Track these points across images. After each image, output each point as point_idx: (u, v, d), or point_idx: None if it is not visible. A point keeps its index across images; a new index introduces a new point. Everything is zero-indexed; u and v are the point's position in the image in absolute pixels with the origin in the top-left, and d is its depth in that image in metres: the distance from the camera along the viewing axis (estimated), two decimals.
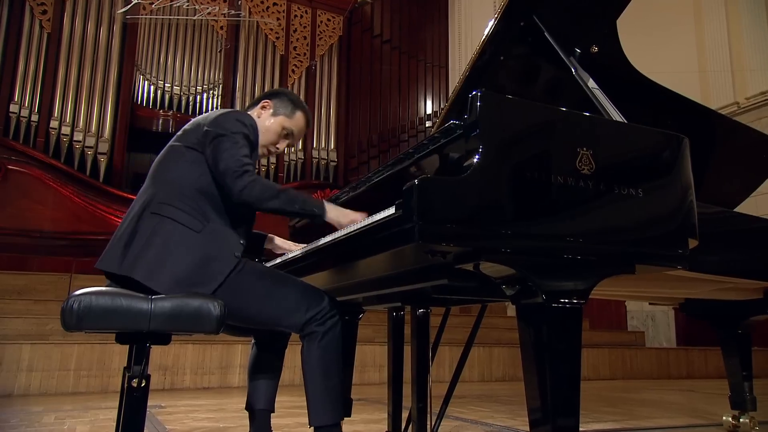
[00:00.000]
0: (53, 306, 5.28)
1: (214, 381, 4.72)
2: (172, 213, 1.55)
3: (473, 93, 1.27)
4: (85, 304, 1.26)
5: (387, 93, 9.23)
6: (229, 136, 1.62)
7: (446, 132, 1.36)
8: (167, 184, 1.60)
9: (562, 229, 1.26)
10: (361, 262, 1.54)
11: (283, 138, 1.88)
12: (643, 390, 5.13)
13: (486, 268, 1.27)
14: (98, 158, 7.90)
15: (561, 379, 1.27)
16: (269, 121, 1.85)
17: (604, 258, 1.31)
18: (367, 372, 5.35)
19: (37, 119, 7.73)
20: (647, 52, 6.02)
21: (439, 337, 2.09)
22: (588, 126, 1.39)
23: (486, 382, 5.77)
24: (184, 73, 8.73)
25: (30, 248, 7.24)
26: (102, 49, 8.21)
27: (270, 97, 1.89)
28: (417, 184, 1.15)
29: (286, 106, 1.87)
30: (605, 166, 1.34)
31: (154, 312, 1.30)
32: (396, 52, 9.32)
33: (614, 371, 6.38)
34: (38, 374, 4.12)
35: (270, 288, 1.59)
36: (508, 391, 4.81)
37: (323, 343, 1.59)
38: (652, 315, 7.65)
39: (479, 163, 1.21)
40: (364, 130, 9.21)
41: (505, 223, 1.20)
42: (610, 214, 1.33)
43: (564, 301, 1.26)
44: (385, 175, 1.68)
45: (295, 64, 9.30)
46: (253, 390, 1.84)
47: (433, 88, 9.21)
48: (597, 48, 2.07)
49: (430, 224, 1.14)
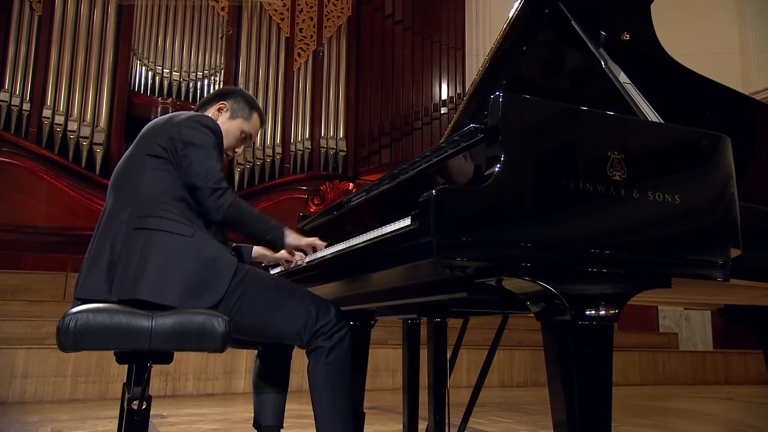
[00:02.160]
0: (49, 307, 5.35)
1: (218, 387, 4.77)
2: (158, 224, 1.55)
3: (494, 94, 1.25)
4: (82, 322, 1.27)
5: (399, 77, 9.18)
6: (200, 147, 1.64)
7: (465, 136, 1.34)
8: (140, 196, 1.60)
9: (591, 241, 1.24)
10: (372, 273, 1.54)
11: (241, 141, 1.91)
12: (677, 398, 5.10)
13: (509, 283, 1.26)
14: (94, 149, 7.94)
15: (591, 401, 1.26)
16: (228, 125, 1.87)
17: (638, 272, 1.29)
18: (379, 377, 5.37)
19: (28, 108, 7.78)
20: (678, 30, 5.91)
21: (458, 348, 2.09)
22: (619, 127, 1.36)
23: (506, 387, 5.77)
24: (184, 58, 8.74)
25: (23, 245, 7.32)
26: (96, 32, 8.23)
27: (224, 97, 1.90)
28: (435, 195, 1.15)
29: (243, 108, 1.90)
30: (638, 171, 1.32)
31: (155, 330, 1.31)
32: (409, 33, 9.26)
33: (645, 376, 6.35)
34: (33, 380, 4.18)
35: (274, 298, 1.59)
36: (531, 399, 4.80)
37: (330, 358, 1.60)
38: (686, 315, 7.59)
39: (501, 171, 1.19)
40: (375, 117, 9.18)
41: (529, 236, 1.19)
42: (644, 224, 1.31)
43: (593, 318, 1.25)
44: (400, 179, 1.67)
45: (301, 47, 9.28)
46: (259, 406, 1.85)
47: (448, 72, 9.15)
48: (629, 35, 2.04)
49: (448, 238, 1.13)
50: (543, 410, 4.07)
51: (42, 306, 5.33)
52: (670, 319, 7.73)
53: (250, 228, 1.68)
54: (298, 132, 8.95)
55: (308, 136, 8.98)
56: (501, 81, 2.14)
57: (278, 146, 8.80)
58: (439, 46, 9.23)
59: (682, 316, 7.63)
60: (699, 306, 2.76)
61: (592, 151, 1.29)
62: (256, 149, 8.63)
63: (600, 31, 1.98)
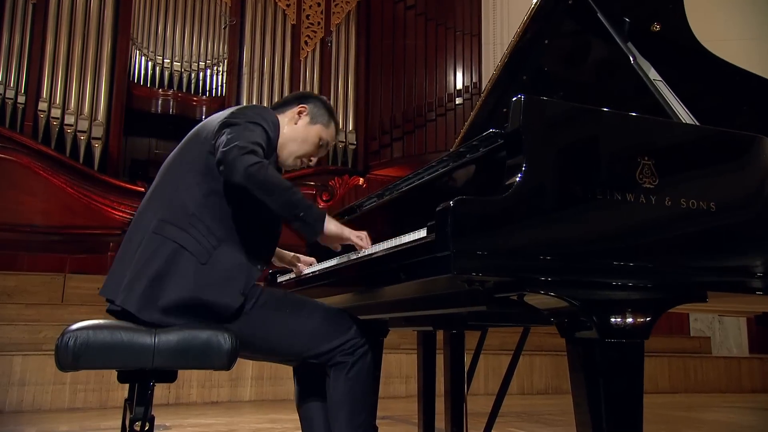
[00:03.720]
0: (46, 310, 5.40)
1: (223, 395, 4.80)
2: (178, 236, 1.53)
3: (516, 97, 1.24)
4: (82, 340, 1.28)
5: (412, 66, 9.14)
6: (243, 125, 1.58)
7: (484, 141, 1.33)
8: (169, 203, 1.59)
9: (620, 254, 1.23)
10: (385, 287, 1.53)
11: (317, 149, 1.87)
12: (710, 408, 5.06)
13: (531, 299, 1.25)
14: (92, 143, 7.99)
15: (619, 422, 1.25)
16: (307, 130, 1.83)
17: (670, 287, 1.28)
18: (392, 384, 5.38)
19: (23, 101, 7.83)
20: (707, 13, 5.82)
21: (476, 360, 2.08)
22: (649, 131, 1.35)
23: (526, 395, 5.76)
24: (185, 47, 8.76)
25: (19, 245, 7.38)
26: (93, 21, 8.26)
27: (305, 101, 1.86)
28: (452, 207, 1.14)
29: (323, 115, 1.86)
30: (670, 177, 1.31)
31: (158, 347, 1.31)
32: (422, 19, 9.21)
33: (675, 384, 6.30)
34: (31, 388, 4.22)
35: (289, 318, 1.59)
36: (552, 408, 4.79)
37: (351, 374, 1.60)
38: (719, 317, 7.53)
39: (523, 180, 1.19)
40: (386, 108, 9.15)
41: (553, 250, 1.18)
42: (677, 234, 1.30)
43: (622, 335, 1.24)
44: (415, 184, 1.66)
45: (309, 35, 9.27)
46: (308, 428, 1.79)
47: (464, 60, 9.10)
48: (659, 26, 2.02)
49: (467, 253, 1.12)
50: (566, 421, 4.06)
51: (39, 309, 5.38)
52: (702, 322, 7.66)
53: (276, 197, 1.50)
54: None
55: None
56: (521, 76, 2.13)
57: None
58: (453, 33, 9.17)
59: (715, 318, 7.56)
60: (735, 314, 2.74)
61: (620, 156, 1.28)
62: None
63: (628, 22, 1.96)
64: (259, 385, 4.91)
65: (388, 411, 4.31)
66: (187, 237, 1.53)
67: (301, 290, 1.93)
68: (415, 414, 2.18)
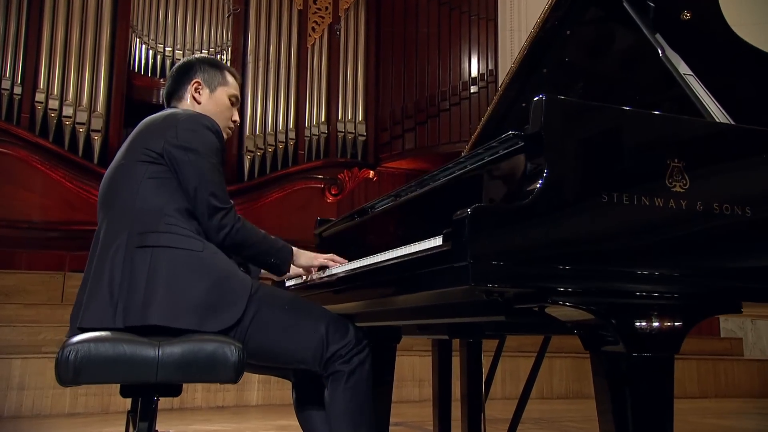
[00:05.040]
0: (46, 311, 5.45)
1: (229, 399, 4.82)
2: (164, 240, 1.54)
3: (537, 98, 1.23)
4: (83, 354, 1.29)
5: (424, 53, 9.10)
6: (201, 155, 1.62)
7: (504, 143, 1.32)
8: (138, 212, 1.57)
9: (648, 263, 1.22)
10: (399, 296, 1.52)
11: (233, 106, 1.90)
12: (742, 414, 5.02)
13: (553, 310, 1.24)
14: (91, 136, 8.02)
15: None
16: (214, 101, 1.85)
17: (702, 298, 1.26)
18: (405, 387, 5.38)
19: (20, 92, 7.87)
20: None
21: (494, 369, 2.08)
22: (679, 131, 1.33)
23: (546, 399, 5.74)
24: (187, 35, 8.76)
25: (17, 242, 7.43)
26: (91, 7, 8.28)
27: (192, 74, 1.86)
28: (470, 214, 1.13)
29: (215, 74, 1.87)
30: (702, 181, 1.29)
31: (162, 360, 1.32)
32: (434, 3, 9.16)
33: (704, 388, 6.25)
34: (31, 393, 4.26)
35: (287, 318, 1.60)
36: (573, 413, 4.77)
37: (350, 384, 1.59)
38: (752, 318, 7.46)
39: (544, 186, 1.17)
40: (397, 98, 9.12)
41: (576, 259, 1.17)
42: (709, 242, 1.28)
43: (650, 349, 1.22)
44: (430, 186, 1.65)
45: (316, 21, 9.25)
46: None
47: (479, 45, 9.04)
48: (690, 13, 1.99)
49: (485, 263, 1.11)
50: (589, 429, 4.04)
51: (39, 310, 5.42)
52: (733, 322, 7.59)
53: (250, 254, 1.69)
54: (312, 115, 8.93)
55: (324, 119, 8.97)
56: (542, 69, 2.11)
57: (291, 131, 8.79)
58: (468, 17, 9.11)
59: (747, 318, 7.50)
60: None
61: (648, 159, 1.26)
62: (267, 134, 8.64)
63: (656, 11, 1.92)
64: (267, 389, 4.93)
65: (402, 417, 4.31)
66: (172, 236, 1.55)
67: (309, 296, 1.93)
68: (429, 420, 2.18)
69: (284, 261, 1.75)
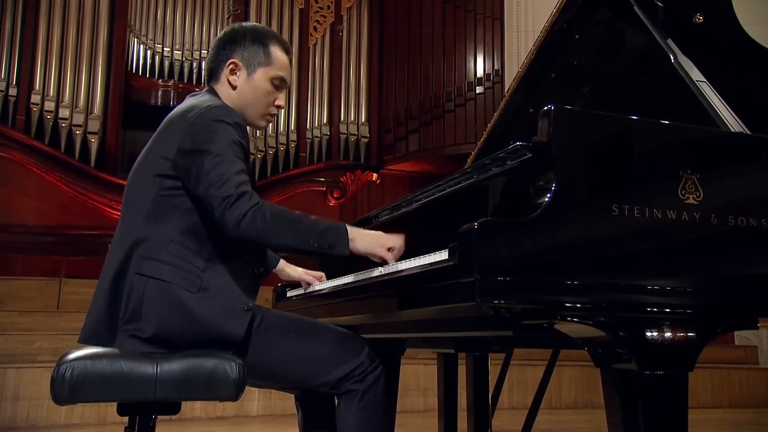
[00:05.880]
0: (41, 318, 5.45)
1: (228, 409, 4.81)
2: (161, 272, 1.49)
3: (545, 108, 1.22)
4: (79, 371, 1.28)
5: (429, 52, 9.09)
6: (211, 154, 1.49)
7: (511, 154, 1.32)
8: (143, 233, 1.53)
9: (660, 278, 1.21)
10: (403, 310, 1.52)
11: (277, 90, 1.72)
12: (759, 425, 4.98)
13: (562, 327, 1.23)
14: (88, 138, 8.03)
15: None
16: (251, 85, 1.68)
17: (717, 312, 1.26)
18: (409, 397, 5.37)
19: (15, 93, 7.88)
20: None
21: (501, 385, 2.07)
22: (693, 141, 1.33)
23: (554, 410, 5.72)
24: (186, 34, 8.77)
25: (12, 246, 7.44)
26: (88, 6, 8.30)
27: (229, 51, 1.69)
28: (477, 228, 1.12)
29: (256, 52, 1.68)
30: (717, 192, 1.29)
31: (160, 377, 1.31)
32: (439, 1, 9.13)
33: (718, 398, 6.21)
34: (25, 403, 4.26)
35: (296, 343, 1.59)
36: (584, 425, 4.76)
37: (363, 403, 1.59)
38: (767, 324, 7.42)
39: (553, 199, 1.17)
40: (401, 98, 9.12)
41: (587, 275, 1.16)
42: (724, 255, 1.28)
43: (663, 367, 1.22)
44: (435, 196, 1.65)
45: (318, 20, 9.26)
46: None
47: (485, 44, 9.04)
48: (702, 16, 1.98)
49: (492, 279, 1.11)
50: None
51: (34, 317, 5.42)
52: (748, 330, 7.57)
53: (278, 240, 1.48)
54: (314, 117, 8.94)
55: (326, 121, 8.97)
56: (550, 74, 2.11)
57: (292, 133, 8.80)
58: (474, 16, 9.11)
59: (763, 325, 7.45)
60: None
61: (660, 171, 1.26)
62: (268, 136, 8.64)
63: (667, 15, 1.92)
64: (267, 399, 4.93)
65: (406, 428, 4.30)
66: (171, 270, 1.49)
67: (311, 307, 1.93)
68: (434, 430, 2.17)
69: (332, 245, 1.51)
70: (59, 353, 4.23)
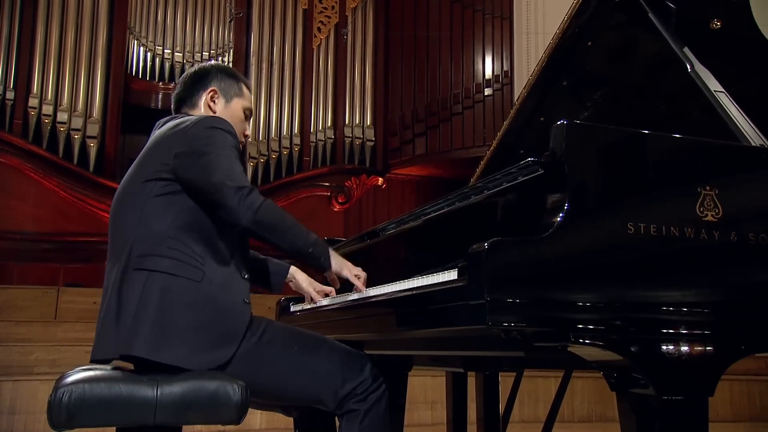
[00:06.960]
0: (38, 329, 5.45)
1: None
2: (161, 265, 1.53)
3: (558, 123, 1.21)
4: (77, 395, 1.28)
5: (436, 53, 9.09)
6: (215, 153, 1.59)
7: (523, 169, 1.31)
8: (141, 232, 1.57)
9: (677, 299, 1.20)
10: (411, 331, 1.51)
11: (246, 120, 1.90)
12: None
13: (576, 350, 1.22)
14: (87, 143, 8.05)
15: None
16: (229, 111, 1.84)
17: (737, 335, 1.25)
18: (416, 410, 5.34)
19: (12, 97, 7.91)
20: None
21: (512, 403, 2.05)
22: (711, 156, 1.32)
23: (567, 423, 5.69)
24: (187, 36, 8.79)
25: (8, 254, 7.46)
26: (87, 8, 8.33)
27: (207, 82, 1.84)
28: (488, 249, 1.12)
29: (231, 84, 1.86)
30: (736, 209, 1.27)
31: (161, 401, 1.31)
32: (446, 1, 9.14)
33: (738, 411, 6.16)
34: (22, 417, 4.26)
35: (298, 358, 1.59)
36: None
37: (365, 424, 1.59)
38: None
39: (566, 218, 1.16)
40: (407, 101, 9.11)
41: (602, 296, 1.15)
42: (744, 275, 1.27)
43: (682, 392, 1.21)
44: (444, 211, 1.64)
45: (322, 21, 9.26)
46: None
47: (493, 45, 9.03)
48: (720, 22, 1.97)
49: (503, 301, 1.10)
50: None
51: (31, 327, 5.42)
52: None
53: (286, 237, 1.61)
54: (318, 120, 8.94)
55: (330, 124, 8.97)
56: (562, 81, 2.10)
57: (296, 137, 8.80)
58: (482, 16, 9.10)
59: None
60: None
61: (678, 187, 1.25)
62: (271, 140, 8.65)
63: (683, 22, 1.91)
64: (270, 413, 4.91)
65: None
66: (171, 262, 1.54)
67: (316, 323, 1.93)
68: None
69: (323, 255, 1.67)
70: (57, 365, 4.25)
